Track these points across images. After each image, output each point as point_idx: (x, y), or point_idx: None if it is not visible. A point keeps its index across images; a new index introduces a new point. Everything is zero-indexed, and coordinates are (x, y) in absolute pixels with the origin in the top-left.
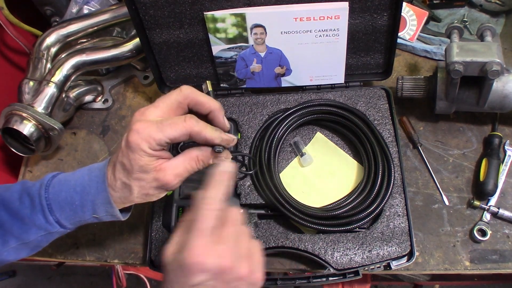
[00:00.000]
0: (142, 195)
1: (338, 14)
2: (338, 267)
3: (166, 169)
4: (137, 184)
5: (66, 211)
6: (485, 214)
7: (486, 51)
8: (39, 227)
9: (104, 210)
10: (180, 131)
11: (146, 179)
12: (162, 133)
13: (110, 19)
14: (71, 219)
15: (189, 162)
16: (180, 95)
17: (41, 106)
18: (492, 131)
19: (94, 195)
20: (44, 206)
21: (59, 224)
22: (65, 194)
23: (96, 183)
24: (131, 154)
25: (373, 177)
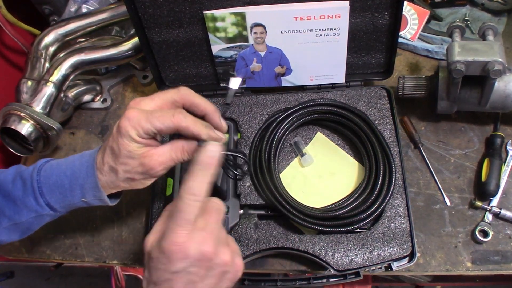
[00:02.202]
0: (127, 180)
1: (339, 13)
2: (338, 268)
3: (151, 156)
4: (123, 168)
5: (56, 194)
6: (487, 215)
7: (488, 50)
8: (30, 208)
9: (92, 194)
10: (167, 124)
11: (131, 164)
12: (150, 123)
13: (109, 18)
14: (61, 202)
15: (175, 151)
16: (178, 94)
17: (39, 106)
18: (494, 131)
19: (83, 179)
20: (35, 188)
21: (49, 206)
22: (55, 177)
23: (86, 168)
24: (120, 139)
25: (374, 178)
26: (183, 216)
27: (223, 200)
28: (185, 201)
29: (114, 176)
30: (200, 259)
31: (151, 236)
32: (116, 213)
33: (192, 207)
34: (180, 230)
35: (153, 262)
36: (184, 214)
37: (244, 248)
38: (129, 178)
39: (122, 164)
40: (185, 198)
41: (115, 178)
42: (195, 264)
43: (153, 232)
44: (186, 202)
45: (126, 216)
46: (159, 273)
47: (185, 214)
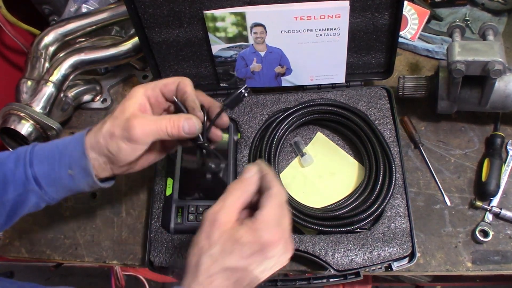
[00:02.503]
0: (108, 133)
1: (339, 13)
2: (338, 268)
3: (139, 116)
4: (112, 121)
5: (44, 166)
6: (487, 215)
7: (488, 50)
8: (18, 182)
9: (78, 165)
10: (173, 79)
11: (120, 118)
12: (160, 81)
13: (109, 18)
14: (47, 176)
15: (161, 120)
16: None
17: (39, 106)
18: (494, 131)
19: (73, 149)
20: (27, 159)
21: (35, 180)
22: (47, 151)
23: (76, 139)
24: (126, 101)
25: (374, 178)
26: (281, 212)
27: None
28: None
29: (100, 128)
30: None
31: (227, 213)
32: (116, 213)
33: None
34: (281, 230)
35: (242, 246)
36: (280, 214)
37: None
38: (110, 131)
39: (113, 117)
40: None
41: (100, 130)
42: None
43: (227, 209)
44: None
45: (126, 216)
46: (244, 260)
47: (280, 213)
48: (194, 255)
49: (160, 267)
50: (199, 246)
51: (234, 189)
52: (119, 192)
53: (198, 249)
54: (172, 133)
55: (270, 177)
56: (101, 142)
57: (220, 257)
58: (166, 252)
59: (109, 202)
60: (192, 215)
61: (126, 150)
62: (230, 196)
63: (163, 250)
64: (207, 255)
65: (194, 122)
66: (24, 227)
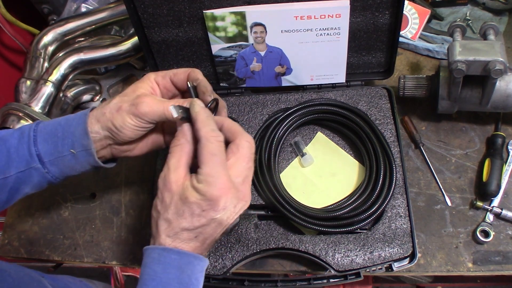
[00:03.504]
0: (115, 106)
1: (339, 12)
2: (339, 269)
3: (148, 95)
4: (120, 97)
5: (48, 143)
6: (488, 215)
7: (489, 49)
8: (21, 159)
9: (80, 144)
10: (183, 69)
11: (129, 95)
12: (169, 71)
13: (108, 18)
14: (50, 154)
15: (169, 101)
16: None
17: (38, 106)
18: (495, 131)
19: (75, 126)
20: (31, 136)
21: (38, 158)
22: (51, 127)
23: (79, 116)
24: (138, 82)
25: (374, 178)
26: (220, 159)
27: None
28: (213, 142)
29: (108, 102)
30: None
31: (173, 175)
32: (115, 213)
33: (221, 147)
34: (224, 175)
35: (191, 206)
36: (220, 156)
37: (244, 248)
38: (118, 105)
39: (123, 94)
40: (213, 142)
41: (107, 104)
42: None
43: (172, 171)
44: (215, 143)
45: (126, 216)
46: (197, 219)
47: (220, 156)
48: (153, 219)
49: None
50: (156, 210)
51: (172, 149)
52: (118, 193)
53: (155, 212)
54: None
55: (197, 125)
56: (107, 114)
57: (174, 219)
58: None
59: (108, 203)
60: None
61: (130, 125)
62: (171, 158)
63: None
64: (163, 219)
65: (197, 106)
66: (23, 227)
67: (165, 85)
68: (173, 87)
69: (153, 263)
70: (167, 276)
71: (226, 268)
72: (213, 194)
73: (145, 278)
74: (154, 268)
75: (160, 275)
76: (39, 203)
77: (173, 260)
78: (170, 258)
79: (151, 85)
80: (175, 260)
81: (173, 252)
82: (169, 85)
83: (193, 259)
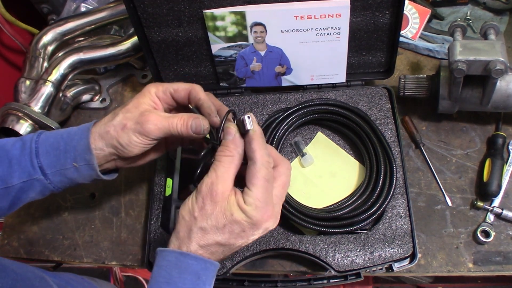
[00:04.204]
0: (120, 124)
1: (340, 12)
2: (339, 269)
3: (153, 112)
4: (124, 113)
5: (50, 156)
6: (488, 215)
7: (490, 49)
8: (23, 169)
9: (83, 158)
10: (184, 85)
11: (132, 112)
12: (170, 85)
13: (108, 17)
14: (53, 166)
15: (173, 117)
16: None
17: (37, 106)
18: (495, 130)
19: (78, 141)
20: (33, 148)
21: (41, 170)
22: (53, 140)
23: (82, 131)
24: (140, 97)
25: (375, 178)
26: (271, 187)
27: None
28: (267, 168)
29: (111, 119)
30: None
31: (221, 185)
32: (115, 214)
33: (272, 173)
34: (271, 203)
35: (233, 224)
36: (271, 184)
37: (244, 249)
38: (123, 123)
39: (126, 110)
40: (265, 164)
41: (111, 121)
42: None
43: (221, 180)
44: (269, 169)
45: (125, 216)
46: (234, 237)
47: (271, 183)
48: (185, 222)
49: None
50: (192, 215)
51: (222, 157)
52: (118, 193)
53: (191, 218)
54: (181, 130)
55: (254, 145)
56: (112, 133)
57: (211, 231)
58: None
59: (108, 203)
60: None
61: (136, 142)
62: (220, 166)
63: None
64: (199, 227)
65: (201, 122)
66: (23, 228)
67: (166, 100)
68: (174, 101)
69: (170, 266)
70: (183, 282)
71: (226, 268)
72: (258, 220)
73: (159, 281)
74: (171, 272)
75: (176, 279)
76: (38, 203)
77: (190, 266)
78: (187, 264)
79: (153, 100)
80: (192, 265)
81: (190, 257)
82: (170, 100)
83: (209, 265)
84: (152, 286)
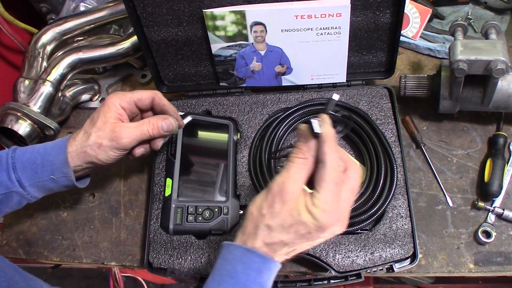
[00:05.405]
0: (95, 144)
1: (340, 11)
2: (339, 270)
3: (122, 126)
4: (96, 132)
5: (28, 170)
6: (489, 216)
7: (491, 49)
8: (1, 183)
9: (60, 171)
10: (147, 94)
11: (104, 129)
12: (133, 94)
13: (107, 17)
14: (31, 180)
15: (141, 124)
16: (153, 93)
17: (36, 105)
18: (497, 130)
19: (55, 156)
20: (9, 164)
21: (19, 183)
22: (29, 154)
23: (59, 147)
24: (102, 107)
25: (375, 178)
26: (340, 191)
27: (225, 201)
28: (338, 172)
29: (85, 139)
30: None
31: (292, 185)
32: (114, 214)
33: (342, 177)
34: (339, 207)
35: (299, 225)
36: (341, 187)
37: None
38: (98, 143)
39: (96, 128)
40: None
41: (85, 141)
42: None
43: (292, 180)
44: (339, 173)
45: (125, 217)
46: (299, 238)
47: (341, 187)
48: (253, 218)
49: (159, 268)
50: (260, 211)
51: (296, 159)
52: (117, 193)
53: (259, 214)
54: (153, 134)
55: (325, 148)
56: (89, 152)
57: (277, 230)
58: (165, 253)
59: (107, 203)
60: (192, 215)
61: (114, 156)
62: (293, 167)
63: (162, 251)
64: (266, 224)
65: (171, 121)
66: (22, 228)
67: (131, 110)
68: (137, 110)
69: (235, 261)
70: (246, 278)
71: None
72: (325, 223)
73: (223, 273)
74: (235, 266)
75: (240, 274)
76: (37, 203)
77: (255, 263)
78: (252, 261)
79: (119, 112)
80: (257, 263)
81: (256, 255)
82: (134, 109)
83: (272, 265)
84: (215, 278)
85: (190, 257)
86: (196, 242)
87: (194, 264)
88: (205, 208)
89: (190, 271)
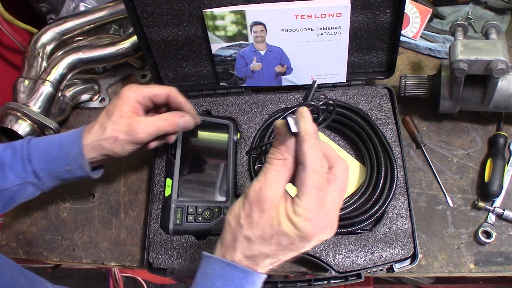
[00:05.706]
0: (111, 138)
1: (340, 11)
2: (340, 270)
3: (138, 120)
4: (112, 126)
5: (42, 162)
6: (490, 216)
7: (491, 49)
8: (17, 174)
9: (76, 163)
10: (162, 90)
11: (120, 123)
12: (149, 88)
13: (107, 17)
14: (46, 170)
15: (157, 119)
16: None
17: (36, 105)
18: (497, 130)
19: (70, 147)
20: (24, 155)
21: (34, 174)
22: (44, 146)
23: (73, 138)
24: (118, 100)
25: (375, 178)
26: (324, 195)
27: (225, 201)
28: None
29: (101, 132)
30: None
31: (270, 190)
32: (114, 214)
33: (325, 180)
34: (324, 213)
35: (280, 236)
36: (324, 191)
37: None
38: (114, 136)
39: (112, 121)
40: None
41: (101, 134)
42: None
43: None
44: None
45: (125, 217)
46: (282, 249)
47: (324, 190)
48: (231, 228)
49: (159, 268)
50: (238, 222)
51: (273, 160)
52: (117, 193)
53: (236, 224)
54: (169, 130)
55: (305, 147)
56: (106, 146)
57: (257, 242)
58: (165, 253)
59: (107, 203)
60: (191, 216)
61: (130, 149)
62: (271, 169)
63: (162, 251)
64: (244, 235)
65: (187, 119)
66: (22, 228)
67: (146, 104)
68: (152, 105)
69: (214, 275)
70: None
71: None
72: (309, 232)
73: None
74: (215, 281)
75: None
76: (37, 203)
77: (236, 278)
78: (233, 275)
79: (135, 106)
80: (238, 277)
81: (236, 269)
82: (149, 104)
83: (255, 278)
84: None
85: (190, 257)
86: (196, 242)
87: (194, 264)
88: (205, 208)
89: (190, 271)
